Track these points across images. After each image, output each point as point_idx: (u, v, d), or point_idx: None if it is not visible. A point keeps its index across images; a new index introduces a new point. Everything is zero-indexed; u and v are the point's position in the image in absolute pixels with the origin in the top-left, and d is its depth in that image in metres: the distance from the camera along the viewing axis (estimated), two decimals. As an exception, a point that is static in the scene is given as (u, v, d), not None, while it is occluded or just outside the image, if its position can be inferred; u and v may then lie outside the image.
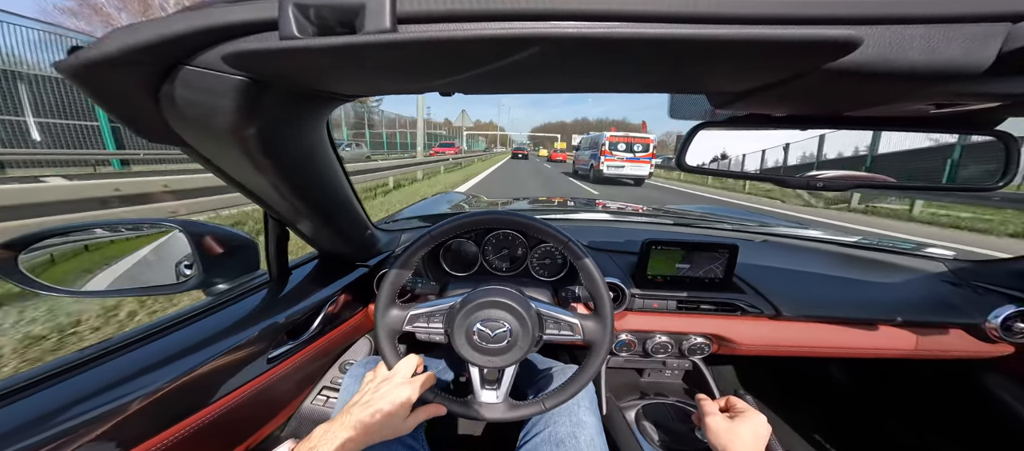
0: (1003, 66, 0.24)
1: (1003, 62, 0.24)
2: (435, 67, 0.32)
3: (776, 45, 0.24)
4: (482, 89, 0.39)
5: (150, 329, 0.56)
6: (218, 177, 0.48)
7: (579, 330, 0.66)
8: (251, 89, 0.32)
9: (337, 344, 0.86)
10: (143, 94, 0.31)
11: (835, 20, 0.22)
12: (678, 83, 0.38)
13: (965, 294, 0.92)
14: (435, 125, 48.60)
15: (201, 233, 0.63)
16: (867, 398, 1.22)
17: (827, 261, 1.08)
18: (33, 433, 0.39)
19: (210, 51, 0.28)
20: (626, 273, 0.92)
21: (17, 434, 0.38)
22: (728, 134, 0.51)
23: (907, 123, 0.40)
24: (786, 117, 0.44)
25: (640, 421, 0.90)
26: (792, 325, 0.87)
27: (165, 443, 0.48)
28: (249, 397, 0.60)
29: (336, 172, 0.60)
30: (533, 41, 0.26)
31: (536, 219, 0.67)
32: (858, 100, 0.34)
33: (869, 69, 0.25)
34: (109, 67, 0.28)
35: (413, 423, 0.58)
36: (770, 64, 0.28)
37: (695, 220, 1.43)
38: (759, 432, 0.58)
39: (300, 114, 0.42)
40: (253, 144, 0.38)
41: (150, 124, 0.35)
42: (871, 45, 0.23)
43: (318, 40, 0.25)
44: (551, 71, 0.33)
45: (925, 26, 0.23)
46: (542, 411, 0.65)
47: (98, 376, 0.47)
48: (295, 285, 0.76)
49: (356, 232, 0.80)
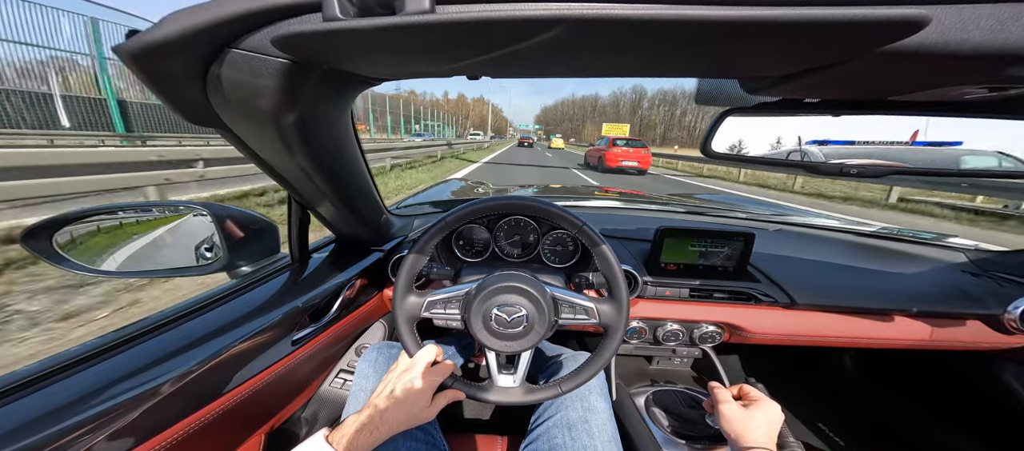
0: None
1: None
2: (469, 48, 0.32)
3: (832, 26, 0.23)
4: (511, 72, 0.39)
5: (179, 311, 0.57)
6: (250, 160, 0.48)
7: (595, 314, 0.66)
8: (293, 72, 0.32)
9: (353, 327, 0.88)
10: (193, 77, 0.33)
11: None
12: (712, 67, 0.37)
13: (984, 285, 0.90)
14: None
15: (225, 216, 0.64)
16: (877, 388, 1.23)
17: (843, 250, 1.07)
18: (70, 415, 0.40)
19: (257, 34, 0.29)
20: (638, 260, 0.91)
21: (55, 416, 0.40)
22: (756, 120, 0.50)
23: (949, 108, 0.39)
24: (821, 103, 0.43)
25: (650, 407, 0.92)
26: (806, 314, 0.86)
27: (196, 425, 0.49)
28: (274, 379, 0.61)
29: (357, 156, 0.60)
30: (568, 21, 0.26)
31: (552, 204, 0.67)
32: (908, 83, 0.33)
33: (930, 50, 0.24)
34: (164, 50, 0.29)
35: (435, 410, 0.60)
36: (821, 46, 0.27)
37: (708, 208, 1.42)
38: (773, 420, 0.59)
39: (331, 98, 0.42)
40: (289, 127, 0.39)
41: (195, 107, 0.36)
42: (936, 25, 0.22)
43: (360, 21, 0.26)
44: (584, 53, 0.33)
45: (995, 5, 0.22)
46: (559, 394, 0.66)
47: (132, 358, 0.49)
48: (314, 268, 0.77)
49: (373, 216, 0.81)
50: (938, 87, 0.32)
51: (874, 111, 0.42)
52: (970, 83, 0.31)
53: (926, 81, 0.32)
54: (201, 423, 0.50)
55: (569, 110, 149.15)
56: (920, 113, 0.40)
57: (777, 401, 0.61)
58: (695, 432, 0.83)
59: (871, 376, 1.25)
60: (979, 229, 5.83)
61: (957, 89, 0.34)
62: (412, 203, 1.37)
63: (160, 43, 0.28)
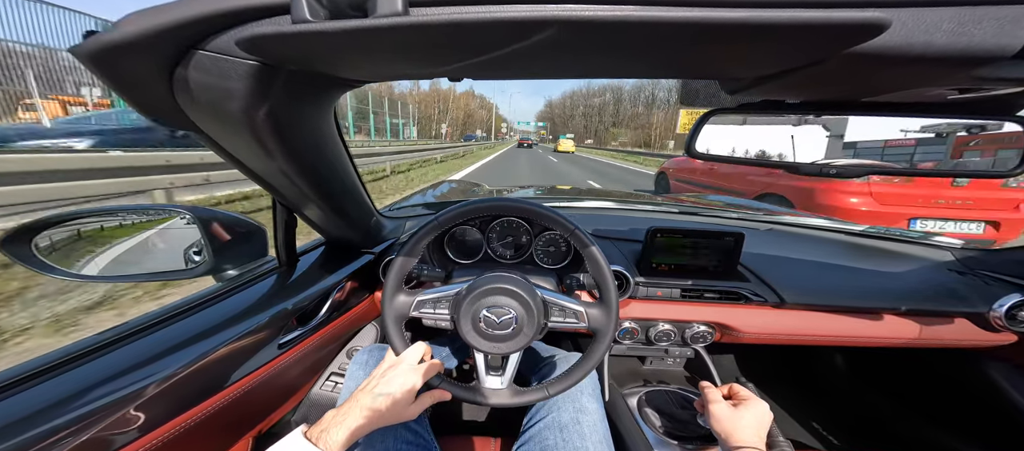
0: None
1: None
2: (446, 51, 0.32)
3: (797, 28, 0.23)
4: (492, 75, 0.39)
5: (164, 314, 0.57)
6: (228, 162, 0.48)
7: (584, 318, 0.66)
8: (263, 73, 0.32)
9: (344, 330, 0.87)
10: (157, 79, 0.32)
11: (861, 2, 0.22)
12: (692, 68, 0.37)
13: (971, 283, 0.91)
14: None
15: (211, 219, 0.63)
16: (866, 386, 1.24)
17: (832, 250, 1.08)
18: (53, 417, 0.40)
19: (223, 35, 0.28)
20: (630, 261, 0.92)
21: (38, 418, 0.39)
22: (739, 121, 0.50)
23: (927, 109, 0.40)
24: (800, 103, 0.43)
25: (642, 408, 0.92)
26: (796, 313, 0.87)
27: (181, 427, 0.49)
28: (261, 382, 0.61)
29: (343, 158, 0.60)
30: (545, 24, 0.26)
31: (543, 206, 0.67)
32: (878, 85, 0.34)
33: (894, 53, 0.24)
34: (125, 51, 0.28)
35: (418, 409, 0.59)
36: (790, 48, 0.27)
37: (699, 208, 1.43)
38: (762, 419, 0.59)
39: (309, 99, 0.41)
40: (264, 129, 0.38)
41: (163, 109, 0.35)
42: (898, 28, 0.23)
43: (330, 24, 0.25)
44: (562, 56, 0.33)
45: (955, 8, 0.22)
46: (546, 397, 0.66)
47: (115, 360, 0.48)
48: (303, 271, 0.77)
49: (362, 218, 0.80)
50: (910, 88, 0.33)
51: (852, 112, 0.42)
52: (941, 85, 0.32)
53: (897, 83, 0.32)
54: (187, 425, 0.50)
55: (583, 101, 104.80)
56: (897, 114, 0.40)
57: (768, 400, 0.61)
58: (687, 432, 0.83)
59: (860, 374, 1.26)
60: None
61: (931, 90, 0.34)
62: (404, 205, 1.37)
63: (119, 44, 0.27)
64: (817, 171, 0.44)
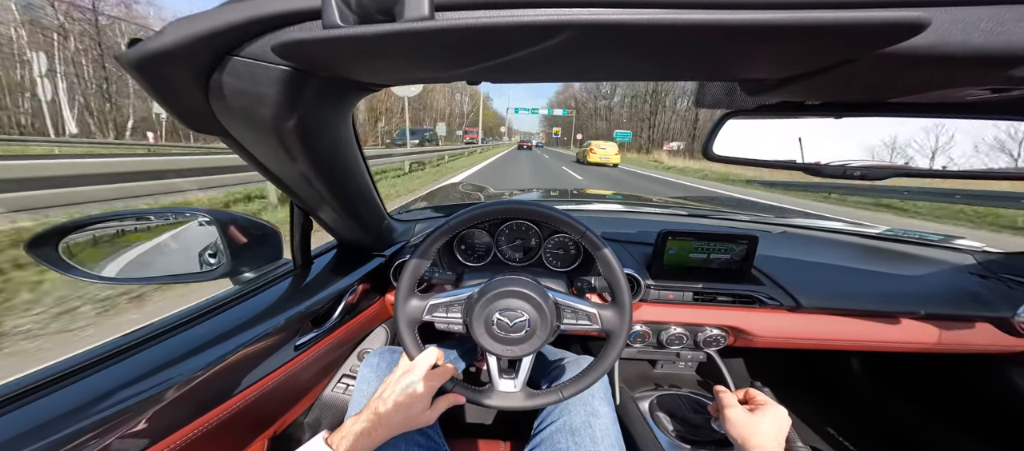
0: None
1: None
2: (469, 54, 0.32)
3: (832, 29, 0.23)
4: (511, 78, 0.39)
5: (183, 317, 0.58)
6: (253, 166, 0.49)
7: (597, 320, 0.66)
8: (294, 79, 0.33)
9: (356, 332, 0.88)
10: (195, 86, 0.33)
11: (903, 1, 0.21)
12: (716, 70, 0.37)
13: (993, 287, 0.89)
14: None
15: (229, 221, 0.64)
16: (886, 391, 1.21)
17: (848, 253, 1.06)
18: (78, 420, 0.40)
19: (257, 41, 0.29)
20: (640, 264, 0.91)
21: (64, 421, 0.40)
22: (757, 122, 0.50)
23: (954, 109, 0.39)
24: (822, 105, 0.43)
25: (654, 411, 0.91)
26: (812, 317, 0.86)
27: (199, 430, 0.49)
28: (277, 384, 0.61)
29: (358, 162, 0.60)
30: (567, 27, 0.26)
31: (554, 209, 0.67)
32: (910, 85, 0.33)
33: (929, 53, 0.24)
34: (167, 59, 0.29)
35: (434, 414, 0.59)
36: (821, 49, 0.27)
37: (710, 211, 1.41)
38: (780, 425, 0.58)
39: (331, 104, 0.42)
40: (291, 134, 0.39)
41: (198, 115, 0.37)
42: (937, 27, 0.22)
43: (359, 28, 0.26)
44: (583, 58, 0.33)
45: (995, 7, 0.22)
46: (560, 400, 0.65)
47: (138, 364, 0.49)
48: (317, 274, 0.78)
49: (374, 221, 0.81)
50: (940, 89, 0.32)
51: (876, 113, 0.42)
52: (972, 85, 0.31)
53: (928, 83, 0.31)
54: (204, 429, 0.50)
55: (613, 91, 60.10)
56: (922, 115, 0.39)
57: (783, 405, 0.60)
58: (700, 437, 0.82)
59: (879, 379, 1.23)
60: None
61: (960, 91, 0.34)
62: (413, 208, 1.38)
63: (162, 51, 0.29)
64: (840, 173, 0.43)
